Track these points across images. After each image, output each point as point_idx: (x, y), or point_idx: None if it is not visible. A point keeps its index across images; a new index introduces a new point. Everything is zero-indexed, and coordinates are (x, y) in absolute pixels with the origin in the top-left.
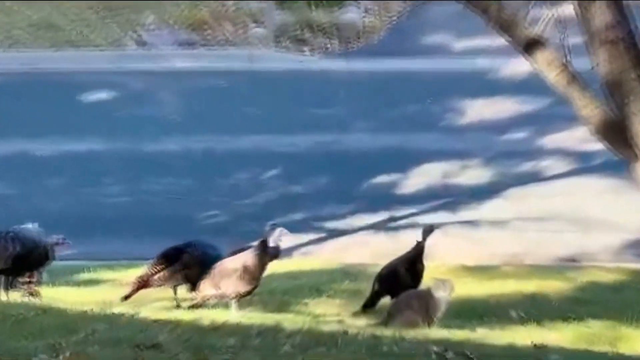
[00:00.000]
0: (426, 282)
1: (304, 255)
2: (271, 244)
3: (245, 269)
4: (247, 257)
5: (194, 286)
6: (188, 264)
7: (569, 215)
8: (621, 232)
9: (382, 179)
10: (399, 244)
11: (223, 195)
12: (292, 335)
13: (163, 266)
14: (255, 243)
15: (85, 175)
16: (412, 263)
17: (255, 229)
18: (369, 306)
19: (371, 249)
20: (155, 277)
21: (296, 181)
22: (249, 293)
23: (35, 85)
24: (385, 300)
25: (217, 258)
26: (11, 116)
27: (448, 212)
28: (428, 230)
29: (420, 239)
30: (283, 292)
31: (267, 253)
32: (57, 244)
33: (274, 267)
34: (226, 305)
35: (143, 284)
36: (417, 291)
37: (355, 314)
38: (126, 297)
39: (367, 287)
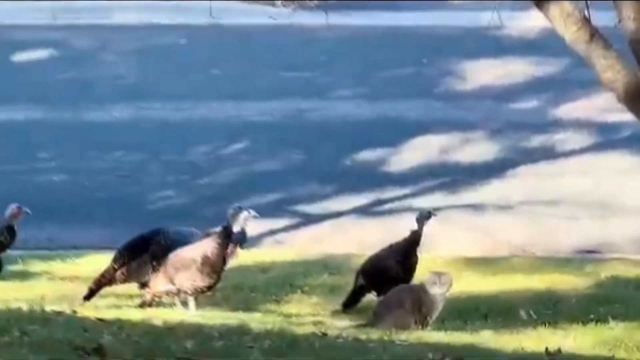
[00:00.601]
0: (420, 276)
1: (275, 244)
2: (236, 229)
3: (205, 259)
4: (208, 246)
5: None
6: (157, 255)
7: (588, 199)
8: None
9: (368, 154)
10: (388, 231)
11: (180, 173)
12: (261, 338)
13: (128, 259)
14: (218, 229)
15: (17, 149)
16: (405, 255)
17: (217, 212)
18: (351, 304)
19: (355, 237)
20: (120, 271)
21: (267, 156)
22: (209, 288)
23: None
24: (371, 298)
25: None
26: None
27: (446, 194)
28: (425, 216)
29: (415, 227)
30: (250, 287)
31: (232, 241)
32: (14, 215)
33: (239, 257)
34: (182, 303)
35: (106, 280)
36: (409, 286)
37: (336, 314)
38: (87, 297)
39: (349, 282)
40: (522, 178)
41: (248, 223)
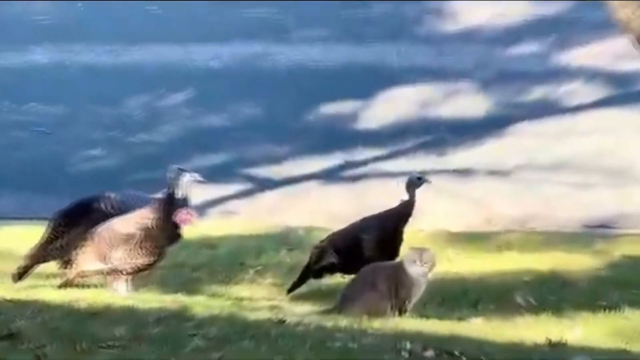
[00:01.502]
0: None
1: (224, 215)
2: (179, 196)
3: (147, 233)
4: (148, 217)
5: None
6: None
7: (600, 163)
8: None
9: (335, 107)
10: (359, 200)
11: (110, 128)
12: (205, 325)
13: (65, 229)
14: (158, 195)
15: None
16: (393, 229)
17: (155, 176)
18: (297, 286)
19: (319, 206)
20: (54, 245)
21: (214, 109)
22: (149, 267)
23: None
24: (339, 279)
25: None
26: None
27: (428, 157)
28: (416, 182)
29: (408, 195)
30: (194, 266)
31: (174, 210)
32: None
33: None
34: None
35: (39, 256)
36: (384, 265)
37: (296, 298)
38: (19, 277)
39: None
40: (520, 138)
41: (191, 188)
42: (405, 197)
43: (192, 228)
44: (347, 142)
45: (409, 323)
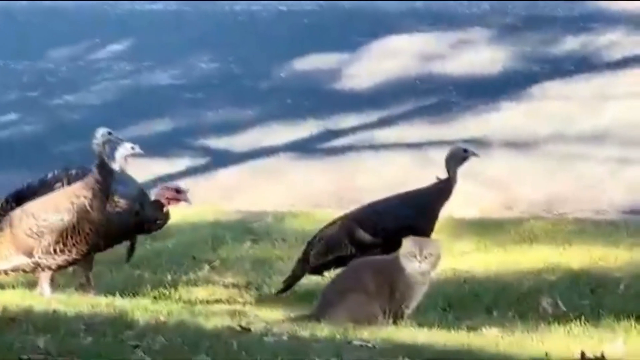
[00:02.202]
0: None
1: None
2: (116, 168)
3: (81, 216)
4: (78, 194)
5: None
6: None
7: None
8: None
9: (312, 62)
10: (342, 177)
11: (29, 88)
12: (149, 334)
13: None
14: (90, 168)
15: None
16: (429, 213)
17: (86, 146)
18: (291, 281)
19: (292, 185)
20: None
21: (160, 63)
22: (84, 257)
23: None
24: (316, 278)
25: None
26: None
27: (430, 124)
28: (459, 155)
29: (448, 171)
30: (134, 261)
31: (108, 185)
32: None
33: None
34: (33, 283)
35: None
36: (375, 260)
37: (264, 300)
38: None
39: (285, 253)
40: (546, 101)
41: (128, 161)
42: (438, 174)
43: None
44: (328, 105)
45: (406, 333)
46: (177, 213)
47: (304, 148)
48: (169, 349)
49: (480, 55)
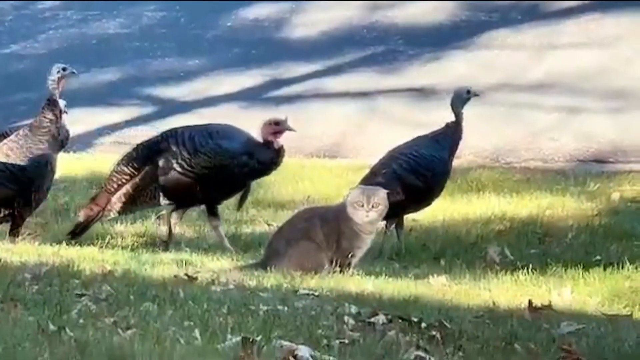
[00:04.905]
0: (334, 192)
1: (117, 146)
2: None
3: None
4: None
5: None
6: (172, 162)
7: (594, 83)
8: None
9: (258, 9)
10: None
11: None
12: (95, 283)
13: (126, 176)
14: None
15: None
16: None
17: (27, 95)
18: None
19: None
20: (119, 194)
21: (104, 11)
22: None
23: None
24: (262, 228)
25: (231, 152)
26: None
27: (378, 72)
28: (464, 97)
29: (455, 114)
30: (80, 208)
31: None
32: None
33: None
34: None
35: (100, 209)
36: (321, 208)
37: (210, 249)
38: (75, 233)
39: (232, 200)
40: (493, 50)
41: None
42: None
43: (77, 163)
44: (275, 54)
45: (354, 281)
46: None
47: (251, 97)
48: (114, 298)
49: (427, 4)
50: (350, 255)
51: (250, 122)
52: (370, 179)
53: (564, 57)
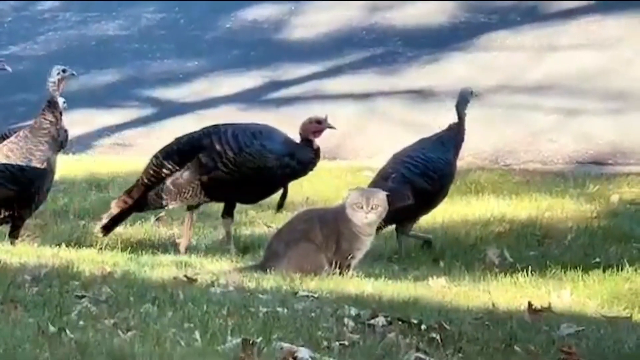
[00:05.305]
0: (333, 193)
1: (117, 148)
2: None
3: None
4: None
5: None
6: (216, 160)
7: (593, 85)
8: None
9: (257, 10)
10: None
11: None
12: (95, 285)
13: (167, 172)
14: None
15: None
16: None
17: (30, 98)
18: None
19: None
20: (153, 191)
21: (104, 13)
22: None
23: None
24: (262, 230)
25: (275, 153)
26: None
27: (378, 74)
28: (467, 97)
29: (458, 115)
30: (79, 210)
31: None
32: None
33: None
34: None
35: (134, 203)
36: (321, 210)
37: (211, 251)
38: (107, 227)
39: None
40: (491, 52)
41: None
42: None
43: (77, 165)
44: (274, 56)
45: (353, 283)
46: (121, 163)
47: (250, 98)
48: (114, 299)
49: (427, 6)
50: (349, 257)
51: None
52: (380, 184)
53: (563, 59)
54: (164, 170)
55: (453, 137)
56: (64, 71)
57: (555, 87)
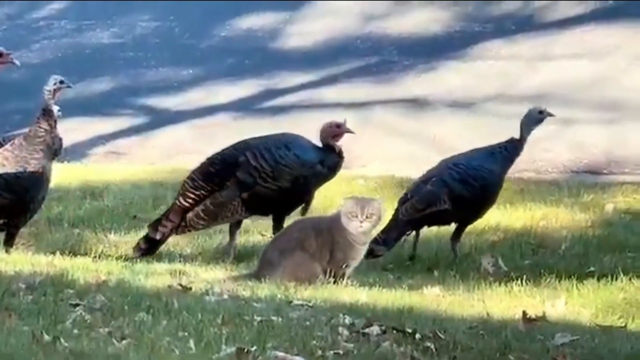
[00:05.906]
0: (328, 202)
1: (111, 156)
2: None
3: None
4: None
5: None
6: (254, 176)
7: (587, 94)
8: None
9: (252, 19)
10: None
11: None
12: (89, 293)
13: (204, 192)
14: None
15: None
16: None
17: (25, 107)
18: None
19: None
20: (193, 212)
21: (98, 21)
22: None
23: None
24: (256, 238)
25: (309, 162)
26: None
27: (373, 83)
28: (536, 117)
29: (521, 132)
30: (72, 219)
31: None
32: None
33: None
34: None
35: (175, 226)
36: (315, 219)
37: (206, 259)
38: (146, 251)
39: None
40: (486, 61)
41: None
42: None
43: (70, 172)
44: (269, 64)
45: (348, 292)
46: (116, 172)
47: (245, 107)
48: (109, 308)
49: (422, 15)
50: (344, 266)
51: (244, 133)
52: (420, 186)
53: (557, 68)
54: (202, 192)
55: (509, 150)
56: (61, 82)
57: (550, 96)
